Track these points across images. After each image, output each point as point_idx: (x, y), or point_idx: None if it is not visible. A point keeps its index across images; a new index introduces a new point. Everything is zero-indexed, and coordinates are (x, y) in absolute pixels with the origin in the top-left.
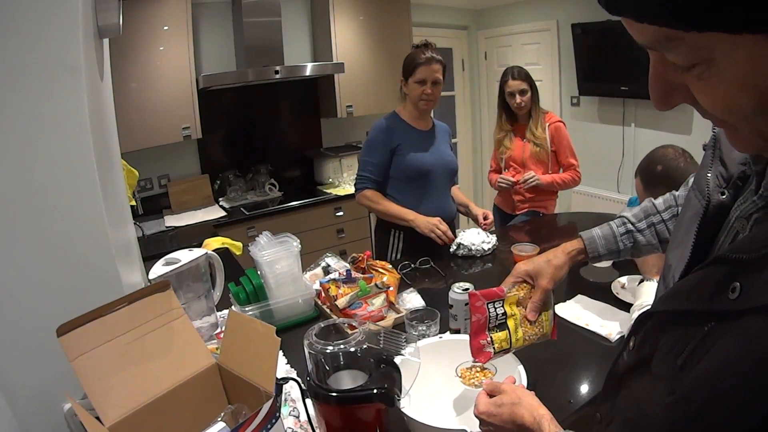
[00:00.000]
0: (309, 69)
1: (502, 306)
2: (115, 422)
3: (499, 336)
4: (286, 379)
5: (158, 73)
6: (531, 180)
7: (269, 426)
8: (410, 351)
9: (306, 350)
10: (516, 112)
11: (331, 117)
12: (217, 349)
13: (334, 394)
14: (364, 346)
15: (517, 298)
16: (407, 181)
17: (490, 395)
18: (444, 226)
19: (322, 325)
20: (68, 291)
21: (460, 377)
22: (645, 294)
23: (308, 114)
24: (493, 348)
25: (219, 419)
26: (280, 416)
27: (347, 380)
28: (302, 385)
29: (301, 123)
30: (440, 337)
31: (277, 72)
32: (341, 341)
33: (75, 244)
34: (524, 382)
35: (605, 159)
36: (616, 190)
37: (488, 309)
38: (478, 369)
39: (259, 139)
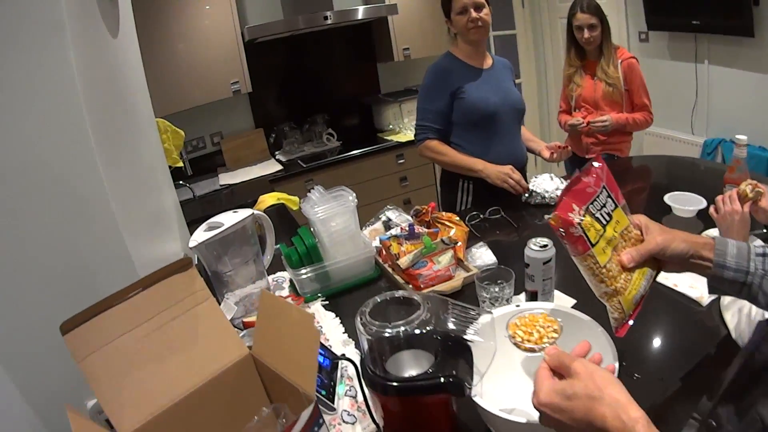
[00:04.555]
0: (361, 12)
1: (614, 210)
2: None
3: (594, 224)
4: (341, 357)
5: (202, 30)
6: (604, 124)
7: None
8: (482, 328)
9: (358, 330)
10: (585, 48)
11: (388, 61)
12: None
13: (395, 383)
14: (429, 327)
15: (619, 232)
16: (472, 126)
17: (555, 374)
18: (517, 175)
19: (378, 300)
20: (72, 279)
21: (511, 337)
22: None
23: (363, 59)
24: (581, 226)
25: (255, 421)
26: (323, 423)
27: (409, 362)
28: (358, 367)
29: (356, 69)
30: (517, 306)
31: (326, 18)
32: (401, 321)
33: (71, 225)
34: (614, 360)
35: (677, 99)
36: (690, 131)
37: (601, 191)
38: (536, 324)
39: (314, 89)
